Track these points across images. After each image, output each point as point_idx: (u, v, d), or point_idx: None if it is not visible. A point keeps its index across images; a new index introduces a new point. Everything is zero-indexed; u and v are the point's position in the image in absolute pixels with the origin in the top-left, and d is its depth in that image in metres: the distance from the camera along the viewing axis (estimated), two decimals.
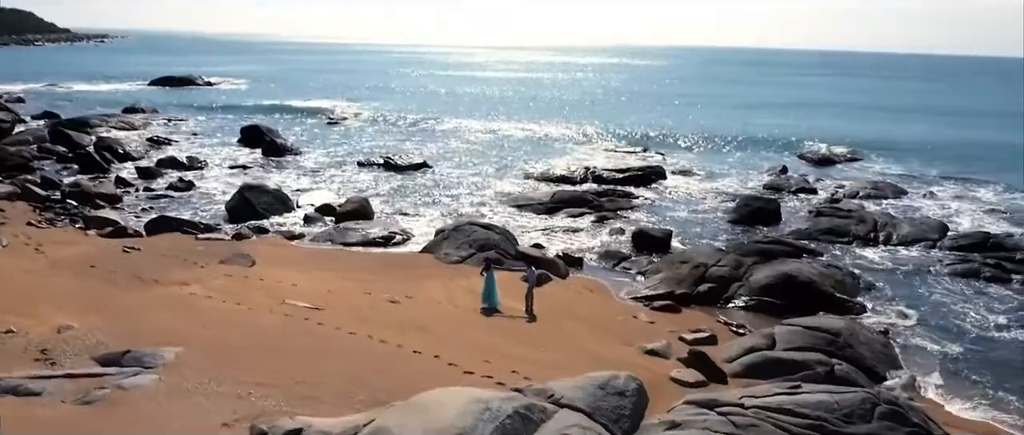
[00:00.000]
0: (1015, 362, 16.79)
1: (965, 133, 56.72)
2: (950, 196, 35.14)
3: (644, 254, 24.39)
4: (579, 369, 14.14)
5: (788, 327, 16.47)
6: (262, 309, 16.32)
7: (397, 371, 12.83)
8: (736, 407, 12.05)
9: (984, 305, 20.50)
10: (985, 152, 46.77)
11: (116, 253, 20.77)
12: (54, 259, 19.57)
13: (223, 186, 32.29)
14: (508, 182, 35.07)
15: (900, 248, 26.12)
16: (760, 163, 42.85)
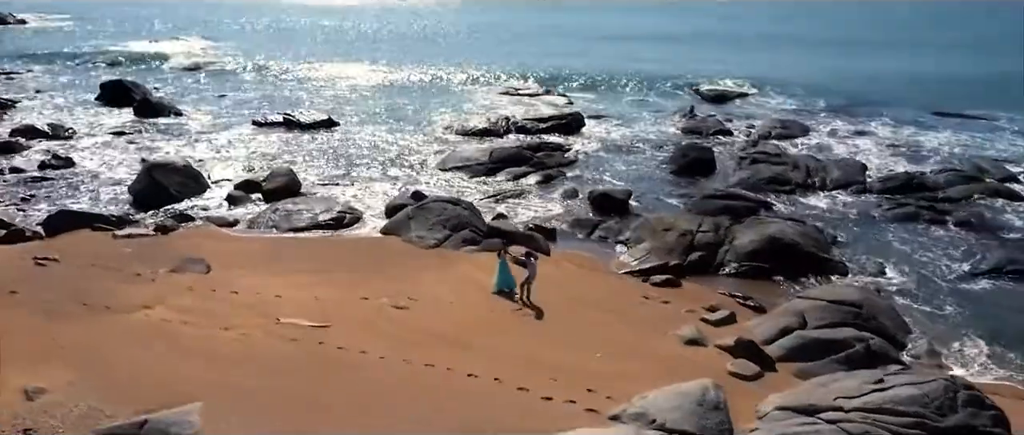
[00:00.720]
0: (999, 315, 17.83)
1: (856, 64, 59.59)
2: (851, 132, 37.17)
3: (608, 217, 23.79)
4: (644, 374, 13.48)
5: (811, 302, 16.50)
6: (259, 334, 14.18)
7: (479, 410, 11.46)
8: (838, 412, 11.79)
9: (942, 252, 21.74)
10: (873, 85, 49.50)
11: (29, 269, 17.32)
12: None
13: (106, 160, 28.12)
14: (428, 140, 33.04)
15: (837, 193, 27.23)
16: (663, 103, 43.35)
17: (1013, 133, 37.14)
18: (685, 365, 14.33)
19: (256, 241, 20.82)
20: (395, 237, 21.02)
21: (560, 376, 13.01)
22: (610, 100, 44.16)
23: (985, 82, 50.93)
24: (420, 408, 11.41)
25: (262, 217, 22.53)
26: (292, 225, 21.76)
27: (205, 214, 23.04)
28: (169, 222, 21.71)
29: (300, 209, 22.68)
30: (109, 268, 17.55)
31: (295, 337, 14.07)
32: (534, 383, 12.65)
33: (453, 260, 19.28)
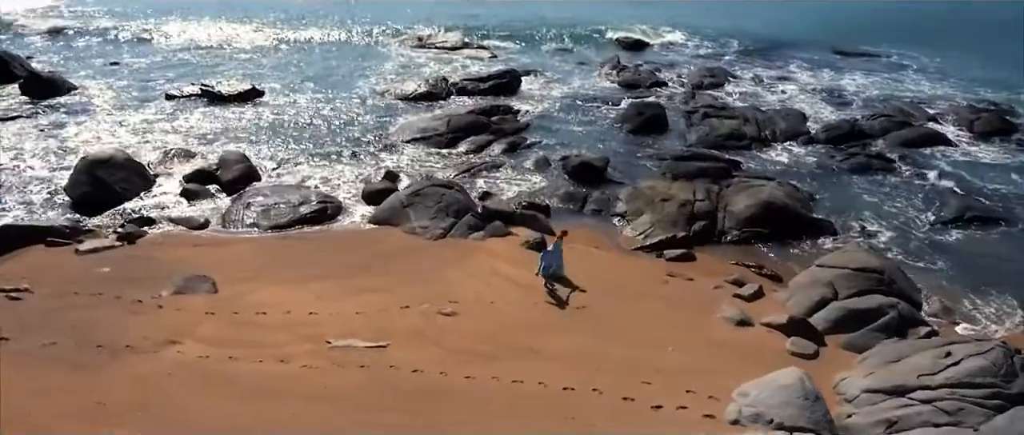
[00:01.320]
0: (981, 264, 19.46)
1: (754, 5, 60.85)
2: (773, 78, 38.73)
3: (590, 187, 23.80)
4: (722, 366, 13.77)
5: (835, 271, 17.26)
6: (321, 363, 13.29)
7: (606, 428, 11.28)
8: (926, 390, 12.55)
9: (906, 204, 23.37)
10: (775, 25, 51.06)
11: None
12: None
13: (17, 154, 24.92)
14: (368, 108, 31.44)
15: (789, 145, 28.50)
16: (586, 53, 43.30)
17: (915, 71, 39.99)
18: (750, 350, 14.75)
19: (242, 245, 19.27)
20: (392, 228, 20.07)
21: (653, 379, 13.01)
22: (531, 52, 43.55)
23: (876, 18, 54.19)
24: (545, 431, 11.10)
25: (233, 214, 20.88)
26: (273, 222, 20.29)
27: (164, 214, 21.01)
28: (131, 228, 19.61)
29: (275, 202, 21.15)
30: (96, 295, 15.76)
31: (362, 363, 13.26)
32: (632, 390, 12.60)
33: (468, 251, 18.71)
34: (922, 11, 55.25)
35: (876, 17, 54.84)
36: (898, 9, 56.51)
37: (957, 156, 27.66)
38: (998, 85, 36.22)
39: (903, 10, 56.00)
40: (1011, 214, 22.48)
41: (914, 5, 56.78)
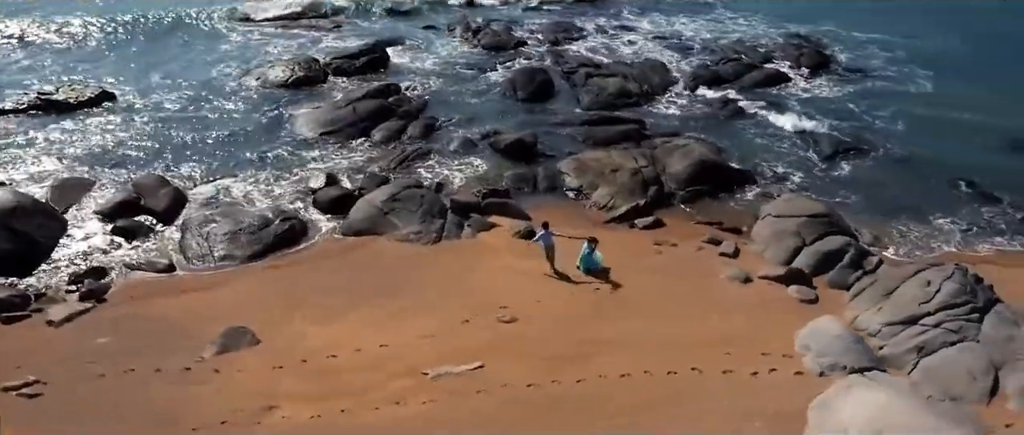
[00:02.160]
0: (876, 193, 23.61)
1: None
2: (615, 27, 41.57)
3: (523, 164, 24.95)
4: (762, 325, 16.11)
5: (792, 219, 20.21)
6: (443, 396, 13.71)
7: (728, 404, 13.03)
8: (930, 316, 15.77)
9: (790, 144, 27.16)
10: None
11: (24, 409, 13.61)
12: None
13: None
14: (247, 102, 29.60)
15: (669, 98, 31.45)
16: (431, 15, 43.22)
17: (730, 12, 44.71)
18: (767, 304, 17.27)
19: (234, 283, 18.24)
20: (377, 237, 19.99)
21: (720, 348, 14.93)
22: (370, 16, 42.61)
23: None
24: (692, 417, 12.66)
25: (193, 248, 19.52)
26: (248, 251, 19.34)
27: (111, 260, 19.11)
28: (91, 284, 17.75)
29: (235, 228, 19.98)
30: (128, 372, 14.54)
31: (477, 388, 13.87)
32: (719, 362, 14.48)
33: (472, 251, 19.39)
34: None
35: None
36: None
37: (801, 94, 32.18)
38: (801, 19, 41.89)
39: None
40: (870, 142, 27.06)
41: None
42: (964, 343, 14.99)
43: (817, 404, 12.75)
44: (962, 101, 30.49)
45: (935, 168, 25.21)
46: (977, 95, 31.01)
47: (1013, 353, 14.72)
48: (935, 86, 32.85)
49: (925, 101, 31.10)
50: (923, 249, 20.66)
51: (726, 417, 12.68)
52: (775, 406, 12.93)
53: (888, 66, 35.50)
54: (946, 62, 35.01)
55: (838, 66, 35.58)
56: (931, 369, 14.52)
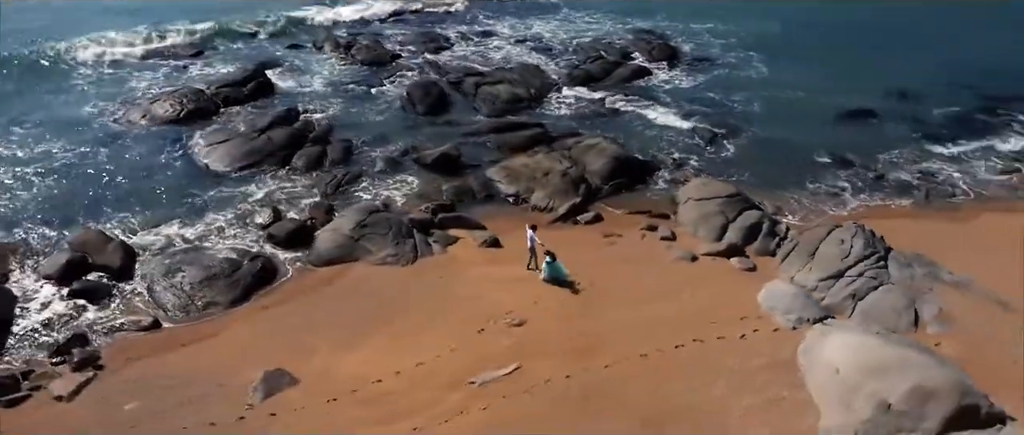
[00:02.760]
0: (761, 168, 27.58)
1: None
2: (478, 33, 43.68)
3: (452, 176, 26.44)
4: (733, 293, 19.06)
5: (712, 200, 23.48)
6: (491, 401, 15.30)
7: (770, 356, 15.79)
8: (850, 268, 19.50)
9: (675, 133, 30.72)
10: None
11: None
12: None
13: None
14: (137, 144, 28.53)
15: (553, 99, 34.09)
16: (296, 35, 42.82)
17: (576, 12, 48.19)
18: (718, 277, 20.30)
19: (233, 328, 18.43)
20: (353, 263, 20.83)
21: (703, 320, 17.64)
22: (226, 38, 41.55)
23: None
24: (714, 378, 15.19)
25: (170, 299, 19.36)
26: (230, 296, 19.48)
27: (82, 324, 18.53)
28: (82, 353, 17.27)
29: (206, 275, 19.91)
30: (181, 431, 14.77)
31: (524, 388, 15.58)
32: (713, 331, 17.16)
33: (449, 266, 20.81)
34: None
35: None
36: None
37: (665, 86, 36.07)
38: (640, 15, 46.25)
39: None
40: (736, 126, 31.22)
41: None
42: (883, 286, 18.79)
43: (803, 351, 15.75)
44: (796, 82, 35.74)
45: (795, 143, 29.69)
46: (806, 76, 36.44)
47: (919, 289, 18.70)
48: (770, 70, 38.04)
49: (767, 84, 36.04)
50: (815, 212, 24.67)
51: (740, 373, 15.30)
52: (770, 358, 15.78)
53: (726, 54, 40.45)
54: (773, 48, 40.49)
55: (686, 57, 40.07)
56: (866, 311, 18.13)
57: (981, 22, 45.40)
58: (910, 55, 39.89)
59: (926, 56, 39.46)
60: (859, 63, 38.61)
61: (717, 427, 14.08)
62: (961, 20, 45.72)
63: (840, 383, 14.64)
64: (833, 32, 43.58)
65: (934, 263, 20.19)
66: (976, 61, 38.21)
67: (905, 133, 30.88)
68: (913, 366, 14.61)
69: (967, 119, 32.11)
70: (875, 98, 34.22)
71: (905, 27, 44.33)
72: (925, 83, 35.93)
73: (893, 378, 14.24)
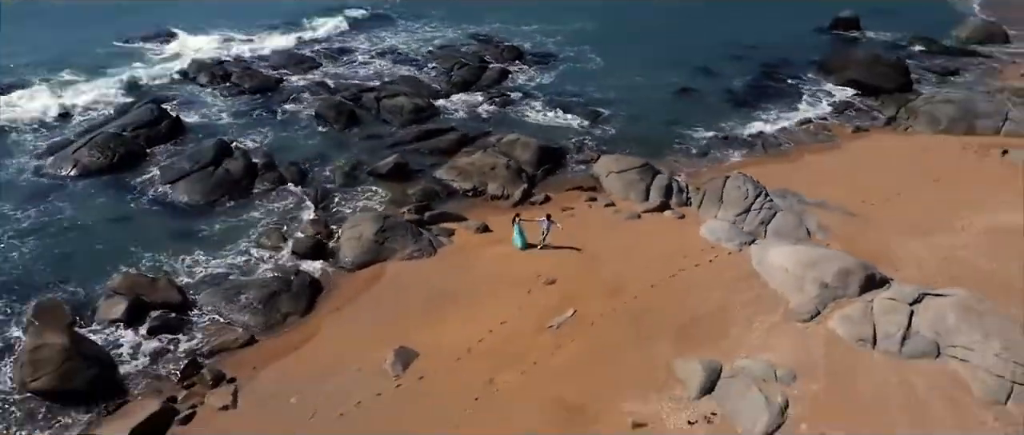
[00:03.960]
0: (637, 141, 35.06)
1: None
2: (335, 50, 47.02)
3: (412, 183, 30.57)
4: (673, 243, 26.06)
5: (629, 171, 30.36)
6: (581, 331, 20.84)
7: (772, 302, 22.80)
8: (754, 204, 27.44)
9: (564, 122, 37.35)
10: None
11: None
12: None
13: None
14: (68, 202, 29.15)
15: (452, 105, 39.20)
16: (141, 69, 43.27)
17: (416, 24, 52.90)
18: (664, 227, 27.13)
19: (322, 331, 21.53)
20: (386, 263, 24.82)
21: (683, 255, 24.45)
22: (103, 76, 40.98)
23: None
24: (711, 290, 21.99)
25: (252, 318, 22.07)
26: (301, 306, 22.69)
27: (181, 353, 21.00)
28: (201, 376, 19.85)
29: (273, 292, 22.62)
30: (355, 406, 18.59)
31: (590, 321, 21.23)
32: (690, 262, 23.96)
33: (468, 250, 25.48)
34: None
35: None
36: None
37: (531, 83, 42.67)
38: (473, 21, 52.26)
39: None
40: (605, 108, 38.46)
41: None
42: (779, 213, 26.73)
43: (755, 263, 23.13)
44: (629, 69, 44.00)
45: (654, 119, 37.61)
46: (635, 63, 44.89)
47: (799, 212, 26.88)
48: (604, 61, 45.98)
49: (609, 73, 43.81)
50: (695, 171, 32.41)
51: (724, 284, 22.26)
52: (738, 271, 22.99)
53: (563, 50, 47.85)
54: (597, 42, 48.60)
55: (530, 57, 46.72)
56: (775, 230, 25.94)
57: (751, 8, 57.29)
58: (702, 38, 50.09)
59: (714, 39, 49.78)
60: (669, 49, 47.90)
61: (729, 321, 20.78)
62: (732, 6, 57.30)
63: (791, 277, 22.08)
64: (638, 24, 52.88)
65: (797, 193, 28.61)
66: (753, 39, 49.12)
67: (727, 103, 40.12)
68: (830, 258, 22.43)
69: (764, 87, 42.26)
70: (692, 77, 43.45)
71: (693, 15, 54.81)
72: (721, 61, 45.92)
73: (822, 267, 21.89)
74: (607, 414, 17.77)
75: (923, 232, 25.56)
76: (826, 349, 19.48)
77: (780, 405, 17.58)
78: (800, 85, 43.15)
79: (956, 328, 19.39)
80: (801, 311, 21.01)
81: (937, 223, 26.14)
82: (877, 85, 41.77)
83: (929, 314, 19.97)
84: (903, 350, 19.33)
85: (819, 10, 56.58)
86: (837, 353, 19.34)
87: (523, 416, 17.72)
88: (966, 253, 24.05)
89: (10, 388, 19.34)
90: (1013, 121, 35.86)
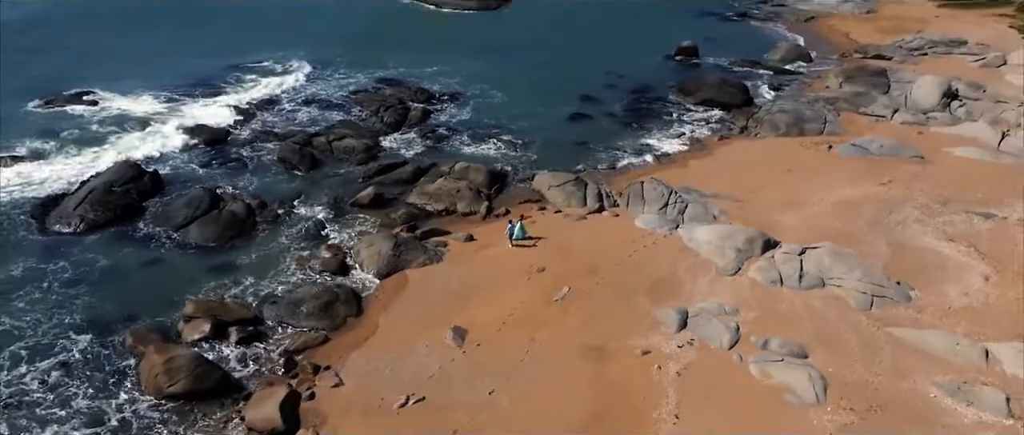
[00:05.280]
0: (559, 155, 43.21)
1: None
2: (265, 103, 51.76)
3: (393, 208, 37.09)
4: (624, 233, 34.41)
5: (566, 184, 38.36)
6: (579, 298, 28.39)
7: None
8: (674, 195, 36.36)
9: (491, 150, 44.86)
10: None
11: None
12: None
13: None
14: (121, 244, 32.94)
15: (396, 144, 45.50)
16: (80, 126, 46.09)
17: (322, 70, 58.25)
18: (605, 224, 35.23)
19: (381, 326, 27.60)
20: (406, 271, 31.00)
21: (632, 241, 32.65)
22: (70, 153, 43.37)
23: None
24: (670, 260, 30.32)
25: (324, 323, 27.74)
26: (354, 310, 28.53)
27: (283, 350, 26.30)
28: (306, 364, 25.45)
29: (330, 301, 28.52)
30: (451, 362, 25.01)
31: (585, 295, 28.75)
32: (642, 245, 32.17)
33: (466, 255, 32.18)
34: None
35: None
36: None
37: (454, 120, 49.28)
38: (375, 67, 58.42)
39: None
40: (522, 137, 46.26)
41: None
42: (689, 205, 35.60)
43: (686, 241, 31.83)
44: (529, 102, 51.66)
45: (564, 141, 45.60)
46: (530, 96, 52.58)
47: (702, 203, 35.92)
48: (504, 96, 53.58)
49: (513, 105, 51.35)
50: (611, 179, 40.81)
51: (668, 258, 30.66)
52: (675, 248, 31.55)
53: (467, 88, 55.06)
54: (493, 80, 56.04)
55: (442, 96, 53.71)
56: (691, 217, 34.67)
57: (605, 43, 67.52)
58: (576, 70, 58.95)
59: (586, 71, 58.94)
60: (552, 81, 56.00)
61: (680, 281, 29.10)
62: (589, 42, 67.32)
63: (714, 247, 30.84)
64: (519, 62, 60.80)
65: (695, 189, 37.73)
66: (617, 69, 58.98)
67: (615, 124, 49.08)
68: (737, 231, 31.47)
69: (640, 109, 51.74)
70: (580, 104, 51.98)
71: (560, 51, 64.11)
72: (598, 89, 55.07)
73: (734, 237, 30.85)
74: (620, 349, 25.29)
75: (791, 207, 35.30)
76: (752, 291, 28.19)
77: (734, 327, 25.93)
78: (667, 106, 53.07)
79: (831, 267, 28.73)
80: (727, 268, 29.69)
81: (798, 201, 36.03)
82: (726, 102, 52.45)
83: (812, 260, 29.24)
84: (801, 285, 28.39)
85: (660, 41, 67.63)
86: (760, 292, 28.09)
87: (563, 357, 24.84)
88: (823, 219, 33.94)
89: (144, 399, 23.77)
90: (830, 124, 47.43)
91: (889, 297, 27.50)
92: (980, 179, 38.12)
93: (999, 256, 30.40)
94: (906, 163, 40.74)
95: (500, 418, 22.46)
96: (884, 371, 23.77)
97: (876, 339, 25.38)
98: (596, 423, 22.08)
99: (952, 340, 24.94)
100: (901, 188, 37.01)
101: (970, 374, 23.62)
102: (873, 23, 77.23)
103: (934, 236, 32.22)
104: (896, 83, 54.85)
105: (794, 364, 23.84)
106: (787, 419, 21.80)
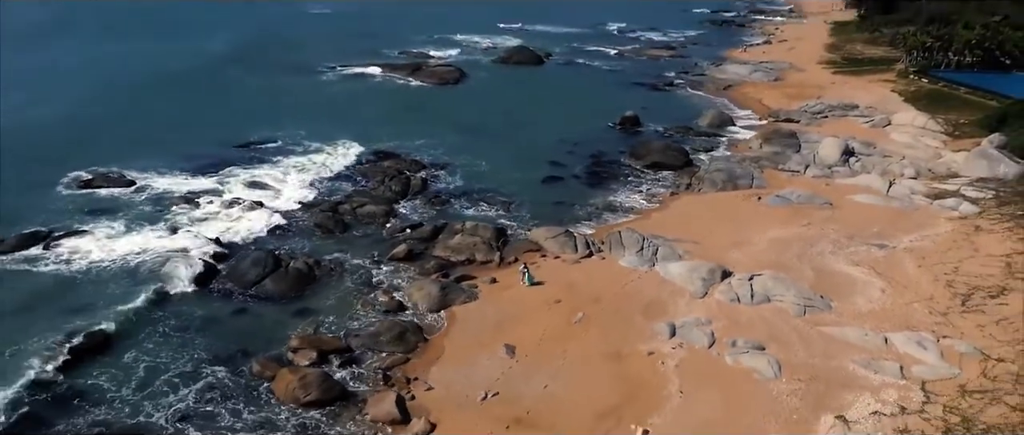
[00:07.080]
0: (544, 210, 52.99)
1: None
2: (246, 186, 59.94)
3: (423, 259, 45.94)
4: (619, 272, 44.28)
5: (559, 236, 48.10)
6: (594, 319, 37.91)
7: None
8: (648, 241, 46.56)
9: (482, 203, 54.32)
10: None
11: None
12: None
13: None
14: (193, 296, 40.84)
15: (404, 206, 54.39)
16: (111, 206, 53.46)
17: (323, 147, 66.76)
18: (595, 266, 44.99)
19: (450, 349, 36.24)
20: (453, 307, 39.81)
21: (627, 278, 42.44)
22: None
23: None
24: (654, 291, 40.19)
25: (401, 346, 36.30)
26: (422, 338, 37.23)
27: (378, 368, 34.71)
28: (400, 375, 33.96)
29: (398, 334, 37.11)
30: (521, 362, 33.92)
31: (595, 315, 38.26)
32: (630, 284, 41.99)
33: (495, 293, 41.27)
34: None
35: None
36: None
37: (449, 187, 58.64)
38: (364, 141, 67.31)
39: None
40: (513, 199, 55.86)
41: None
42: (660, 247, 45.72)
43: (663, 275, 41.95)
44: (500, 165, 61.63)
45: (543, 200, 55.48)
46: (507, 162, 62.57)
47: (671, 246, 46.14)
48: (487, 164, 63.19)
49: (495, 173, 60.79)
50: (594, 228, 50.67)
51: (652, 288, 40.53)
52: (655, 280, 41.50)
53: (454, 159, 64.22)
54: (472, 149, 65.80)
55: (434, 166, 62.90)
56: (662, 258, 44.72)
57: (554, 114, 78.27)
58: (537, 139, 69.63)
59: (545, 139, 69.35)
60: (521, 150, 66.21)
61: (665, 303, 38.93)
62: (538, 113, 77.95)
63: (685, 278, 40.95)
64: (491, 134, 70.97)
65: (661, 235, 47.94)
66: (571, 137, 69.51)
67: (583, 185, 59.25)
68: (701, 266, 41.72)
69: (600, 171, 62.16)
70: (550, 169, 62.13)
71: (520, 124, 74.36)
72: (561, 155, 65.55)
73: (699, 270, 41.09)
74: (631, 353, 34.67)
75: (737, 246, 45.82)
76: (718, 307, 38.19)
77: (710, 333, 35.73)
78: (623, 168, 63.73)
79: (773, 288, 39.09)
80: (697, 293, 39.69)
81: (741, 241, 46.63)
82: (671, 163, 63.54)
83: (759, 284, 39.56)
84: (753, 301, 38.58)
85: (601, 112, 78.95)
86: (724, 308, 38.12)
87: (591, 360, 34.00)
88: (763, 254, 44.54)
89: (285, 407, 31.68)
90: (757, 179, 58.89)
91: (817, 307, 37.87)
92: (875, 219, 49.73)
93: (891, 275, 41.38)
94: (819, 209, 52.16)
95: (555, 403, 31.31)
96: (818, 355, 33.84)
97: (810, 335, 35.53)
98: (626, 402, 31.22)
99: (862, 333, 35.29)
100: (817, 228, 48.17)
101: (875, 354, 33.92)
102: (780, 90, 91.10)
103: (845, 263, 43.12)
104: (805, 143, 67.24)
105: (756, 354, 33.67)
106: (756, 388, 31.50)
